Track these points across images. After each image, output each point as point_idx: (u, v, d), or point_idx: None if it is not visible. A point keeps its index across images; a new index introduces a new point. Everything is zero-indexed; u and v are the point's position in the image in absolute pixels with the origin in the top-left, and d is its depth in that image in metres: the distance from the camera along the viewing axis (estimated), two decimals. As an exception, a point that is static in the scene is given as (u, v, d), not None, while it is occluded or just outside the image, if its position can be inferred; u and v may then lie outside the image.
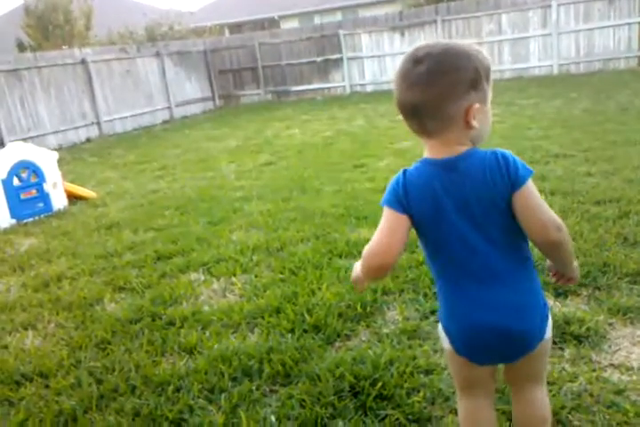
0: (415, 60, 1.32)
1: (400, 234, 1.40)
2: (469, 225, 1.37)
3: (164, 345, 2.78)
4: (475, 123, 1.33)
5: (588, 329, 2.43)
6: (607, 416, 1.93)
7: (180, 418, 2.18)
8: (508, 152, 1.36)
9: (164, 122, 14.08)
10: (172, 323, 3.01)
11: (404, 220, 1.40)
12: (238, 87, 16.64)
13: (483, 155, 1.35)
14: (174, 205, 5.56)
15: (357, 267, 1.56)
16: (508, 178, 1.32)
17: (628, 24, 12.37)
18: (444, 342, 1.51)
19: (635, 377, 2.14)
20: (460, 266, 1.41)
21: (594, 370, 2.19)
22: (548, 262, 1.52)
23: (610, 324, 2.50)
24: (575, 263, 1.50)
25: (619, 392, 2.05)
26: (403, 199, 1.39)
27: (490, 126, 1.43)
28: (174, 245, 4.29)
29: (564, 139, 6.32)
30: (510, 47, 13.51)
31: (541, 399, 1.56)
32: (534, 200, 1.33)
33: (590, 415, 1.94)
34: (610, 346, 2.35)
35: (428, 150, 1.40)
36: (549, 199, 4.24)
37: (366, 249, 1.43)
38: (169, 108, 14.60)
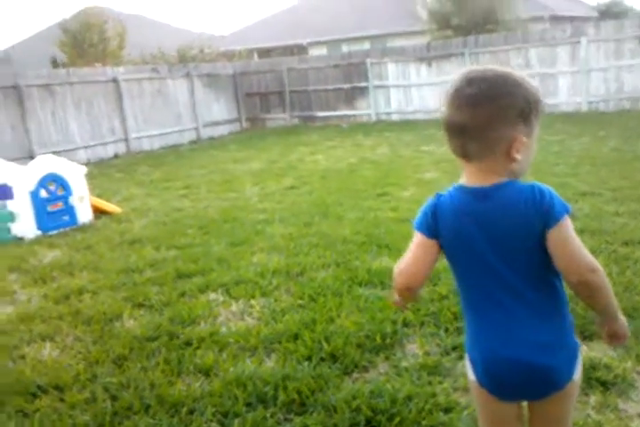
0: (467, 82, 1.31)
1: (426, 258, 1.42)
2: (498, 257, 1.35)
3: (180, 365, 2.77)
4: (517, 156, 1.32)
5: (615, 376, 2.36)
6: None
7: (194, 443, 2.16)
8: (546, 187, 1.33)
9: (191, 142, 14.28)
10: (189, 343, 3.00)
11: (431, 245, 1.41)
12: (265, 111, 16.86)
13: (520, 187, 1.33)
14: (197, 225, 5.59)
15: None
16: (543, 213, 1.29)
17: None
18: (470, 374, 1.47)
19: (662, 428, 2.07)
20: (486, 296, 1.39)
21: (620, 419, 2.13)
22: (595, 316, 1.45)
23: (638, 372, 2.43)
24: (621, 317, 1.41)
25: (646, 443, 1.99)
26: (432, 224, 1.40)
27: (530, 162, 1.41)
28: (195, 265, 4.30)
29: (592, 177, 6.27)
30: (538, 82, 13.53)
31: None
32: (569, 239, 1.30)
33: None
34: (638, 395, 2.28)
35: (464, 176, 1.40)
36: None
37: (395, 268, 1.46)
38: (196, 128, 14.81)
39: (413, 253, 1.43)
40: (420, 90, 14.76)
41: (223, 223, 5.59)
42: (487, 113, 1.29)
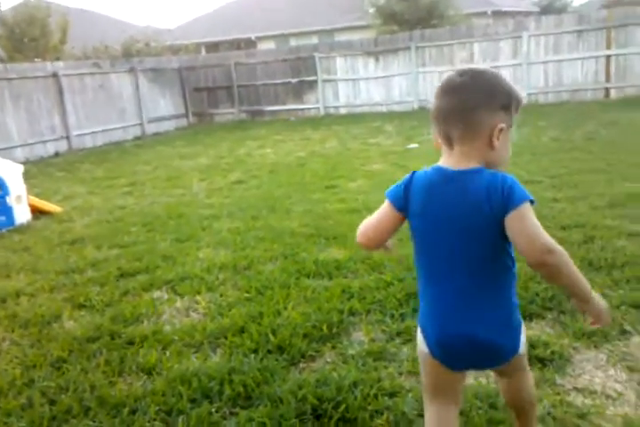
0: (459, 73, 1.45)
1: (387, 226, 1.55)
2: (456, 236, 1.43)
3: (122, 365, 2.69)
4: (497, 143, 1.42)
5: (552, 352, 2.43)
6: (570, 441, 1.91)
7: (135, 442, 2.09)
8: (511, 176, 1.40)
9: (136, 138, 13.95)
10: (131, 342, 2.92)
11: (395, 216, 1.53)
12: (212, 105, 16.63)
13: (487, 174, 1.42)
14: (141, 222, 5.46)
15: None
16: (503, 199, 1.37)
17: (596, 57, 12.79)
18: (421, 345, 1.56)
19: (597, 401, 2.14)
20: (441, 273, 1.48)
21: (558, 393, 2.19)
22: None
23: (574, 347, 2.50)
24: (595, 300, 1.43)
25: (582, 416, 2.05)
26: (402, 197, 1.50)
27: (507, 156, 1.51)
28: (139, 263, 4.19)
29: (532, 165, 6.44)
30: (481, 75, 13.82)
31: (526, 384, 1.68)
32: (525, 222, 1.36)
33: (554, 440, 1.92)
34: (574, 369, 2.35)
35: (443, 159, 1.49)
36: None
37: (360, 226, 1.59)
38: (141, 124, 14.47)
39: (377, 220, 1.55)
40: (368, 84, 14.85)
41: (168, 220, 5.48)
42: (473, 97, 1.41)
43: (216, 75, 16.37)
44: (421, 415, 2.03)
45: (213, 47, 27.73)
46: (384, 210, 1.54)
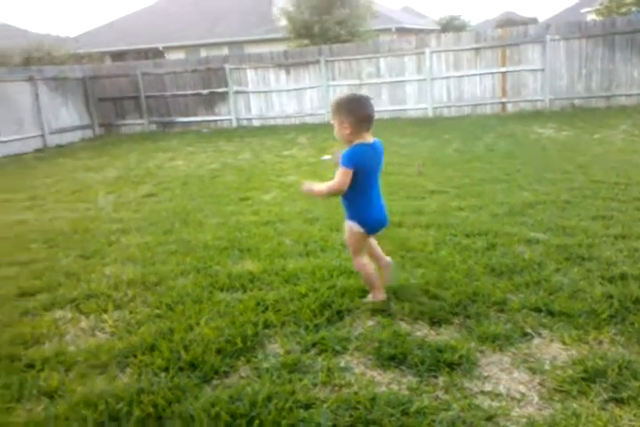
0: (365, 97, 2.91)
1: (348, 181, 2.86)
2: (376, 174, 2.97)
3: (22, 389, 2.51)
4: None
5: (460, 357, 2.51)
6: (478, 442, 1.98)
7: (34, 473, 1.95)
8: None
9: (37, 150, 13.21)
10: (31, 365, 2.73)
11: (351, 174, 2.85)
12: (120, 116, 16.09)
13: (379, 142, 2.99)
14: (42, 238, 5.15)
15: (319, 187, 2.98)
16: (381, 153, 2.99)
17: (492, 73, 13.58)
18: (359, 229, 2.99)
19: (503, 403, 2.23)
20: (374, 190, 2.99)
21: (466, 397, 2.26)
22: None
23: (480, 351, 2.61)
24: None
25: (489, 418, 2.12)
26: (357, 161, 2.84)
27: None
28: (39, 281, 3.95)
29: (438, 176, 6.71)
30: (388, 89, 14.29)
31: (381, 250, 3.26)
32: None
33: (463, 442, 1.98)
34: (480, 373, 2.44)
35: (361, 139, 2.89)
36: (425, 232, 4.44)
37: (334, 186, 2.89)
38: (42, 135, 13.74)
39: (344, 180, 2.86)
40: (280, 96, 14.94)
41: (72, 235, 5.21)
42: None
43: (122, 85, 15.87)
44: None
45: (119, 56, 26.91)
46: (346, 174, 2.83)
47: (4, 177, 9.44)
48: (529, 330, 2.76)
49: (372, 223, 2.99)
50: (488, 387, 2.33)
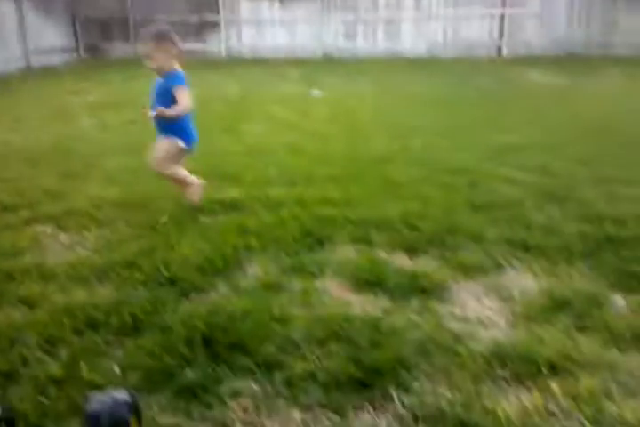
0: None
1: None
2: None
3: (1, 298, 2.54)
4: None
5: (434, 283, 2.58)
6: (446, 360, 2.06)
7: (13, 370, 2.01)
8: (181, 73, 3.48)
9: (20, 71, 12.77)
10: (11, 276, 2.76)
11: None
12: (107, 39, 15.51)
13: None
14: (25, 158, 5.07)
15: (171, 111, 3.40)
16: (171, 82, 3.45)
17: (491, 15, 13.21)
18: (182, 145, 3.51)
19: (470, 326, 2.31)
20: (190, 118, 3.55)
21: (437, 320, 2.33)
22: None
23: (454, 279, 2.67)
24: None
25: (457, 339, 2.20)
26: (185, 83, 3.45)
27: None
28: (20, 198, 3.93)
29: (427, 116, 6.65)
30: (385, 26, 13.88)
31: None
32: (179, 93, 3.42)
33: (432, 359, 2.07)
34: (453, 298, 2.51)
35: (177, 66, 3.49)
36: (409, 168, 4.45)
37: (189, 105, 3.44)
38: (26, 55, 13.24)
39: (189, 95, 3.43)
40: (274, 27, 14.46)
41: (55, 156, 5.13)
42: None
43: (110, 5, 15.17)
44: (309, 342, 2.12)
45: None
46: (187, 91, 3.45)
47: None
48: (502, 262, 2.83)
49: (192, 140, 3.55)
50: (458, 311, 2.41)
